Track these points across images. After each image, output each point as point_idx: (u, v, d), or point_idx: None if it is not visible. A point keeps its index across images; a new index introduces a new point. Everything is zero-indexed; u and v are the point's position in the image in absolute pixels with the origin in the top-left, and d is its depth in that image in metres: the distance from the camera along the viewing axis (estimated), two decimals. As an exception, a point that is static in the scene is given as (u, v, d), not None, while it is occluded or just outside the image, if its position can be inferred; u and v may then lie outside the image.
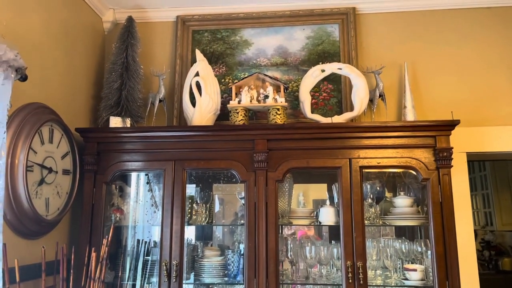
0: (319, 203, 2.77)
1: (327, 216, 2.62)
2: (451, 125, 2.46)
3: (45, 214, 2.32)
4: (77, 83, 2.85)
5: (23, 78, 2.01)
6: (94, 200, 2.61)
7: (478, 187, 6.58)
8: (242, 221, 2.70)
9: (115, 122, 2.78)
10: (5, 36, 2.07)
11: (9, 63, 1.87)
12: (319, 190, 2.96)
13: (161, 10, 3.26)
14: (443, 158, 2.43)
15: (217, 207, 2.93)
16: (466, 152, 2.81)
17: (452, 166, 2.44)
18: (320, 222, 2.66)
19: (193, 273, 2.73)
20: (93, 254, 2.13)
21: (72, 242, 2.59)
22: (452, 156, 2.44)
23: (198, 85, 2.82)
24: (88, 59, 3.02)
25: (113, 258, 2.73)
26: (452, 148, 2.43)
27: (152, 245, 2.79)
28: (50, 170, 2.37)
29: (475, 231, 2.82)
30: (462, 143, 2.74)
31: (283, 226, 2.81)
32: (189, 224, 2.72)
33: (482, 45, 2.99)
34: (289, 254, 2.65)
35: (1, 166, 1.90)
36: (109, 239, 2.23)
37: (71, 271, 2.22)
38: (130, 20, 3.01)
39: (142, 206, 2.85)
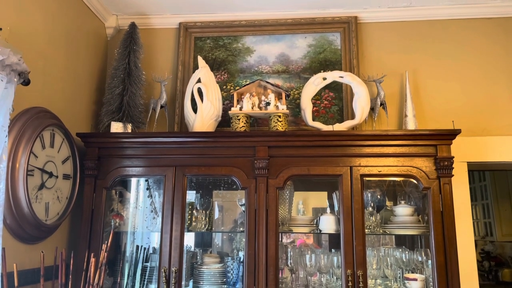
0: (319, 212, 2.76)
1: (328, 224, 2.61)
2: (452, 134, 2.46)
3: (45, 219, 2.31)
4: (79, 88, 2.86)
5: (26, 82, 2.02)
6: (94, 205, 2.60)
7: (478, 197, 6.57)
8: (241, 229, 2.69)
9: (116, 127, 2.78)
10: (9, 40, 2.08)
11: (12, 67, 1.87)
12: (319, 198, 2.96)
13: (164, 16, 3.28)
14: (444, 167, 2.43)
15: (216, 214, 2.92)
16: (467, 162, 2.81)
17: (453, 175, 2.44)
18: (320, 230, 2.65)
19: (192, 280, 2.71)
20: (92, 260, 2.12)
21: (71, 247, 2.58)
22: (453, 166, 2.44)
23: (199, 92, 2.82)
24: (91, 64, 3.03)
25: (112, 264, 2.71)
26: (453, 157, 2.43)
27: (151, 252, 2.78)
28: (50, 174, 2.37)
29: (475, 241, 2.80)
30: (463, 152, 2.74)
31: (282, 234, 2.80)
32: (188, 231, 2.71)
33: (483, 55, 3.01)
34: (289, 262, 2.64)
35: (2, 170, 1.89)
36: (109, 244, 2.22)
37: (70, 276, 2.21)
38: (133, 26, 3.03)
39: (141, 212, 2.84)
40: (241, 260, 2.61)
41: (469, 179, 2.84)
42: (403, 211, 2.62)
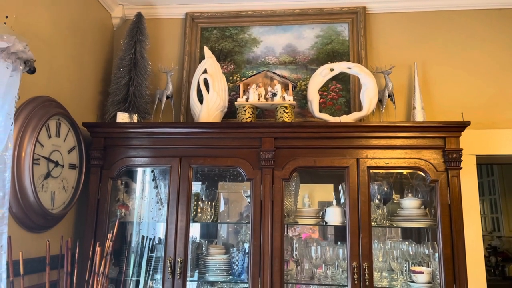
0: (324, 205, 2.74)
1: (334, 216, 2.59)
2: (461, 126, 2.43)
3: (51, 208, 2.31)
4: (85, 78, 2.85)
5: (32, 71, 2.01)
6: (99, 195, 2.60)
7: (486, 192, 6.52)
8: (247, 221, 2.68)
9: (122, 117, 2.77)
10: (15, 29, 2.07)
11: (17, 54, 1.87)
12: (325, 191, 2.94)
13: (170, 6, 3.26)
14: (453, 159, 2.40)
15: (222, 206, 2.92)
16: (476, 155, 2.78)
17: (461, 167, 2.40)
18: (326, 222, 2.63)
19: (197, 270, 2.71)
20: (98, 249, 2.12)
21: (77, 237, 2.59)
22: (462, 158, 2.40)
23: (205, 82, 2.81)
24: (97, 54, 3.02)
25: (118, 254, 2.72)
26: (461, 149, 2.40)
27: (157, 242, 2.78)
28: (56, 163, 2.37)
29: (482, 236, 2.77)
30: (471, 145, 2.70)
31: (288, 227, 2.79)
32: (194, 222, 2.70)
33: (493, 46, 2.95)
34: (294, 254, 2.63)
35: (8, 158, 1.89)
36: (114, 234, 2.22)
37: (75, 265, 2.22)
38: (139, 16, 3.01)
39: (147, 202, 2.84)
40: (246, 251, 2.61)
41: (477, 174, 2.80)
42: (410, 203, 2.59)
